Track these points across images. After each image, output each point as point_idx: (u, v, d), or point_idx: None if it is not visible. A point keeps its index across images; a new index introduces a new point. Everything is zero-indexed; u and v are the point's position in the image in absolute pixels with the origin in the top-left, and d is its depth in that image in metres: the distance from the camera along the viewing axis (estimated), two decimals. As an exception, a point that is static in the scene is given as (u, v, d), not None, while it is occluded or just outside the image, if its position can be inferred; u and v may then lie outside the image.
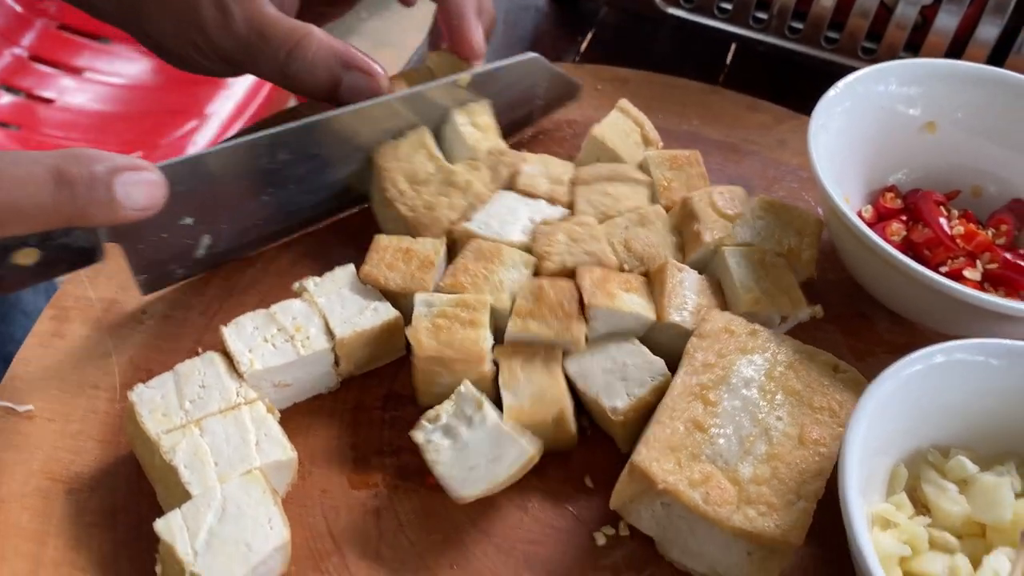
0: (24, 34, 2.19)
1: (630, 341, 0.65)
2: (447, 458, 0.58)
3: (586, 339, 0.65)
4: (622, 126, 0.81)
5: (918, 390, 0.58)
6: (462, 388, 0.60)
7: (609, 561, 0.59)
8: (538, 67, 0.81)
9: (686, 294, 0.66)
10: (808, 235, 0.70)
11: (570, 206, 0.74)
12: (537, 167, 0.76)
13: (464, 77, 0.75)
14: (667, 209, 0.74)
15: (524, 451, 0.58)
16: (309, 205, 0.75)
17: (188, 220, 0.67)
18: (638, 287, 0.67)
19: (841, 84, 0.74)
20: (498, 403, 0.62)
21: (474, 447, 0.58)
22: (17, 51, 2.15)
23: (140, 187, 0.57)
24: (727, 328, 0.64)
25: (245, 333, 0.63)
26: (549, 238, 0.70)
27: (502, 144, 0.77)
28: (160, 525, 0.53)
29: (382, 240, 0.69)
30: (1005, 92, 0.75)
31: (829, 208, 0.68)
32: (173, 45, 0.69)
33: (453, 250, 0.71)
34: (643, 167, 0.77)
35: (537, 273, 0.69)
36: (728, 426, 0.59)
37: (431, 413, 0.60)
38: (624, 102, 0.82)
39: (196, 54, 0.69)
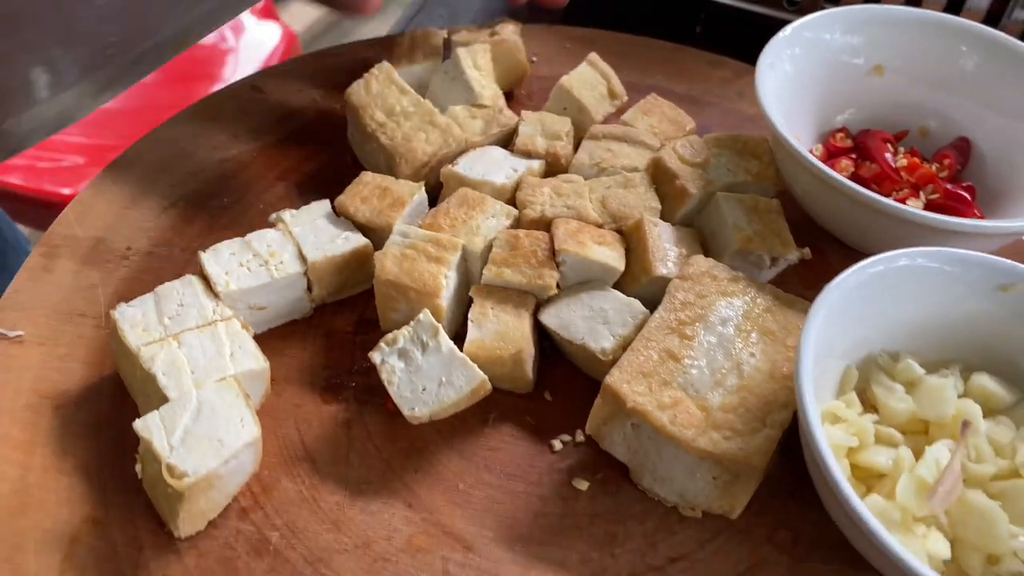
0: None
1: (603, 289, 0.68)
2: (399, 379, 0.61)
3: (558, 287, 0.67)
4: (589, 78, 0.85)
5: (876, 292, 0.61)
6: (421, 316, 0.64)
7: (564, 464, 0.63)
8: None
9: (666, 246, 0.69)
10: (764, 154, 0.74)
11: (567, 160, 0.77)
12: (533, 126, 0.79)
13: None
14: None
15: (475, 376, 0.61)
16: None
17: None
18: (611, 242, 0.70)
19: (789, 28, 0.78)
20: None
21: (426, 371, 0.62)
22: (17, 50, 2.20)
23: None
24: (710, 273, 0.66)
25: (222, 258, 0.67)
26: (534, 189, 0.73)
27: (500, 96, 0.81)
28: (139, 424, 0.57)
29: (366, 176, 0.73)
30: (946, 35, 0.79)
31: (778, 142, 0.71)
32: None
33: (438, 192, 0.75)
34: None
35: (517, 225, 0.72)
36: (702, 359, 0.62)
37: (389, 336, 0.63)
38: (593, 56, 0.86)
39: None
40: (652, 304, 0.67)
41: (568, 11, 1.13)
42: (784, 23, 1.01)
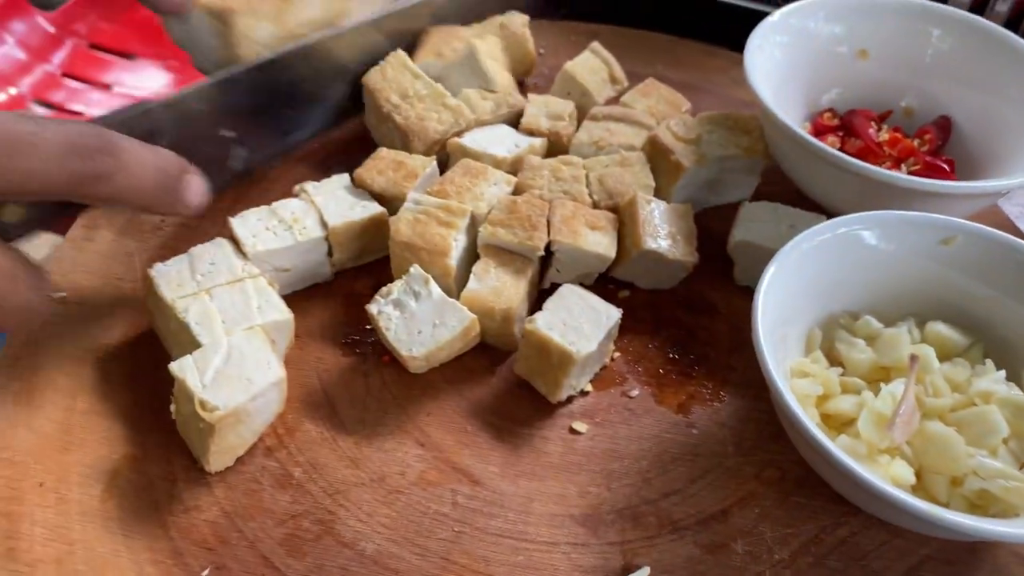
0: (56, 52, 2.33)
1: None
2: (396, 325, 0.67)
3: (557, 271, 0.73)
4: (592, 64, 0.90)
5: (823, 259, 0.66)
6: (412, 269, 0.69)
7: (566, 410, 0.68)
8: None
9: (658, 223, 0.73)
10: (754, 130, 0.80)
11: (568, 139, 0.83)
12: (538, 108, 0.85)
13: None
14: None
15: (466, 316, 0.66)
16: (304, 125, 0.84)
17: (227, 133, 0.75)
18: (604, 225, 0.74)
19: (776, 15, 0.83)
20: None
21: (420, 316, 0.67)
22: (49, 68, 2.29)
23: (198, 190, 0.63)
24: None
25: (249, 223, 0.72)
26: (535, 171, 0.78)
27: (513, 84, 0.87)
28: (174, 366, 0.62)
29: (382, 151, 0.78)
30: (924, 20, 0.84)
31: (767, 117, 0.76)
32: None
33: (447, 164, 0.80)
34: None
35: (517, 193, 0.77)
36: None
37: (384, 289, 0.69)
38: (595, 44, 0.92)
39: None
40: (654, 279, 0.72)
41: (573, 8, 1.19)
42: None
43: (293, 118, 0.82)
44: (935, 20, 0.83)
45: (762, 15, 1.07)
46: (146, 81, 2.36)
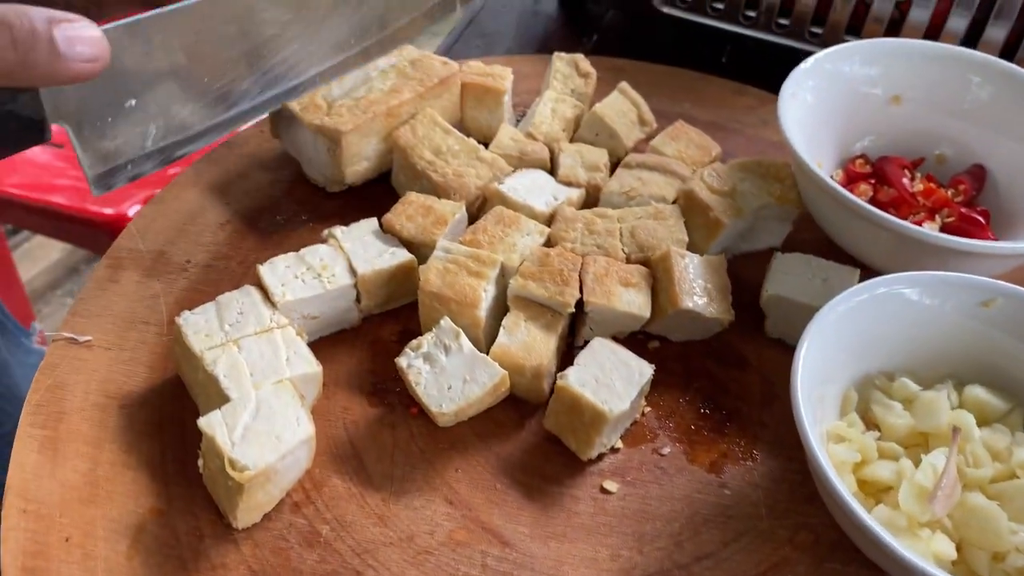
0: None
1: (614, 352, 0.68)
2: (426, 380, 0.66)
3: (591, 329, 0.72)
4: (620, 106, 0.90)
5: (862, 319, 0.65)
6: (443, 322, 0.68)
7: (596, 468, 0.67)
8: None
9: (693, 279, 0.72)
10: (786, 178, 0.79)
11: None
12: (573, 157, 0.84)
13: None
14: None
15: (497, 372, 0.66)
16: (253, 90, 0.71)
17: (131, 102, 0.62)
18: (638, 282, 0.72)
19: (811, 60, 0.82)
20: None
21: (451, 371, 0.66)
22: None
23: (81, 39, 0.53)
24: None
25: (278, 270, 0.72)
26: (568, 224, 0.77)
27: (560, 138, 0.86)
28: (203, 422, 0.61)
29: (411, 196, 0.78)
30: (961, 67, 0.83)
31: (800, 167, 0.75)
32: None
33: (482, 209, 0.80)
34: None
35: (550, 243, 0.76)
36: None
37: (414, 343, 0.68)
38: (624, 85, 0.91)
39: None
40: (676, 331, 0.72)
41: (600, 43, 1.19)
42: (805, 54, 1.07)
43: (216, 87, 0.68)
44: (975, 68, 0.82)
45: (790, 51, 1.07)
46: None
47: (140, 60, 0.62)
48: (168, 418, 0.69)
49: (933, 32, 0.99)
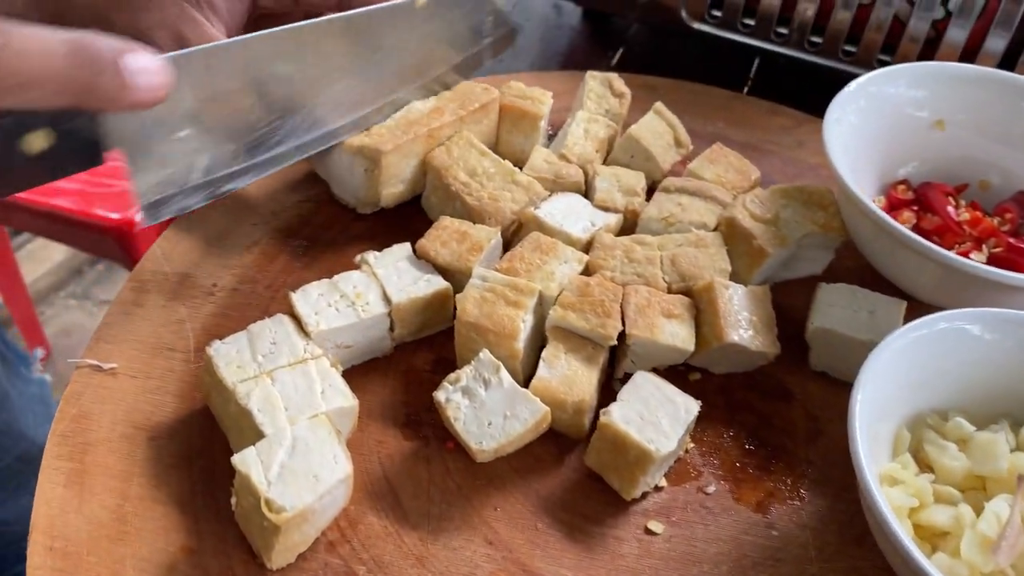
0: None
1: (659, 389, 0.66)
2: (465, 415, 0.64)
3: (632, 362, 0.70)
4: (656, 127, 0.88)
5: (918, 356, 0.63)
6: (482, 355, 0.66)
7: (640, 507, 0.65)
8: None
9: (738, 311, 0.70)
10: (829, 205, 0.77)
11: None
12: (609, 181, 0.81)
13: None
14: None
15: (539, 408, 0.63)
16: (303, 127, 0.72)
17: (184, 132, 0.63)
18: (681, 313, 0.70)
19: (855, 84, 0.80)
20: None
21: (491, 406, 0.64)
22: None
23: (147, 70, 0.54)
24: None
25: (311, 298, 0.70)
26: (607, 251, 0.74)
27: (595, 160, 0.84)
28: (237, 459, 0.59)
29: (445, 220, 0.76)
30: (1008, 92, 0.81)
31: (845, 195, 0.74)
32: None
33: (518, 234, 0.78)
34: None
35: (588, 271, 0.74)
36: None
37: (452, 376, 0.66)
38: (659, 105, 0.89)
39: None
40: (719, 364, 0.70)
41: (624, 57, 1.17)
42: (837, 73, 1.05)
43: (267, 122, 0.69)
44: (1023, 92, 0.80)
45: (821, 69, 1.05)
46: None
47: (194, 92, 0.63)
48: (197, 451, 0.67)
49: (970, 52, 0.97)
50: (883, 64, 1.01)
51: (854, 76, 1.02)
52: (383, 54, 0.76)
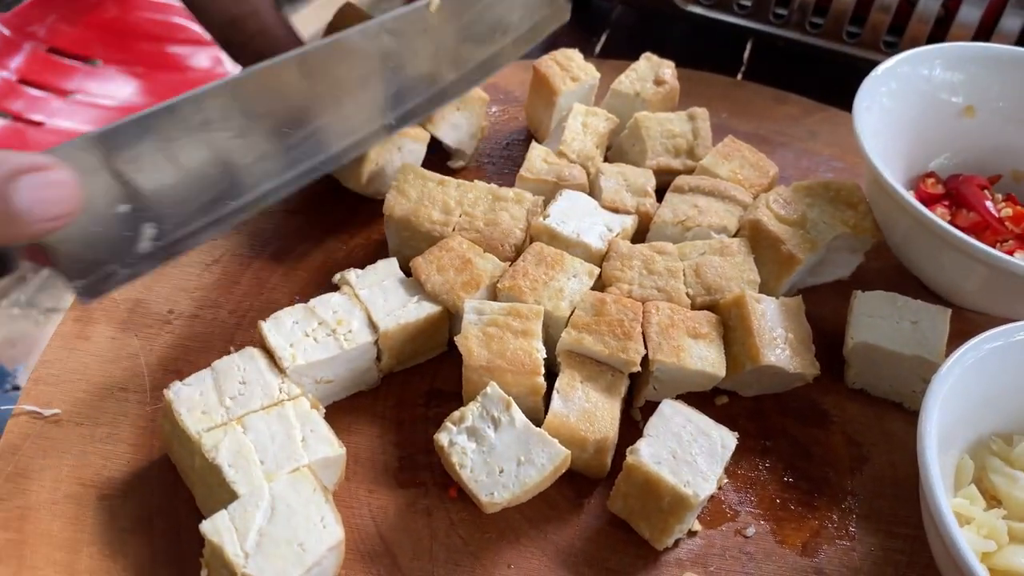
0: (12, 57, 2.16)
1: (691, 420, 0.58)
2: (472, 462, 0.55)
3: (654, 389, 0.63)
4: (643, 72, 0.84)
5: (993, 369, 0.56)
6: (488, 389, 0.57)
7: (672, 556, 0.57)
8: None
9: (771, 328, 0.62)
10: (859, 203, 0.69)
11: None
12: (615, 179, 0.73)
13: (434, 1, 0.66)
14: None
15: (558, 452, 0.55)
16: (267, 176, 0.62)
17: (125, 207, 0.54)
18: (708, 332, 0.62)
19: (883, 67, 0.73)
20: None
21: (501, 450, 0.55)
22: (5, 75, 2.12)
23: (44, 200, 0.45)
24: None
25: (284, 328, 0.60)
26: (624, 261, 0.66)
27: (595, 156, 0.75)
28: (207, 526, 0.50)
29: (452, 242, 0.65)
30: (1047, 74, 0.74)
31: (880, 190, 0.66)
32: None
33: (522, 248, 0.69)
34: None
35: (600, 286, 0.66)
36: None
37: (455, 414, 0.57)
38: (648, 54, 0.85)
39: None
40: (750, 387, 0.63)
41: (609, 42, 1.08)
42: (836, 55, 0.98)
43: (225, 184, 0.60)
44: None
45: (825, 53, 0.98)
46: (111, 89, 2.21)
47: (134, 162, 0.54)
48: (158, 511, 0.57)
49: (983, 32, 0.91)
50: (889, 46, 0.95)
51: (856, 59, 0.96)
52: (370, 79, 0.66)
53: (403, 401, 0.64)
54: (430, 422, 0.63)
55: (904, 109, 0.73)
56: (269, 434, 0.55)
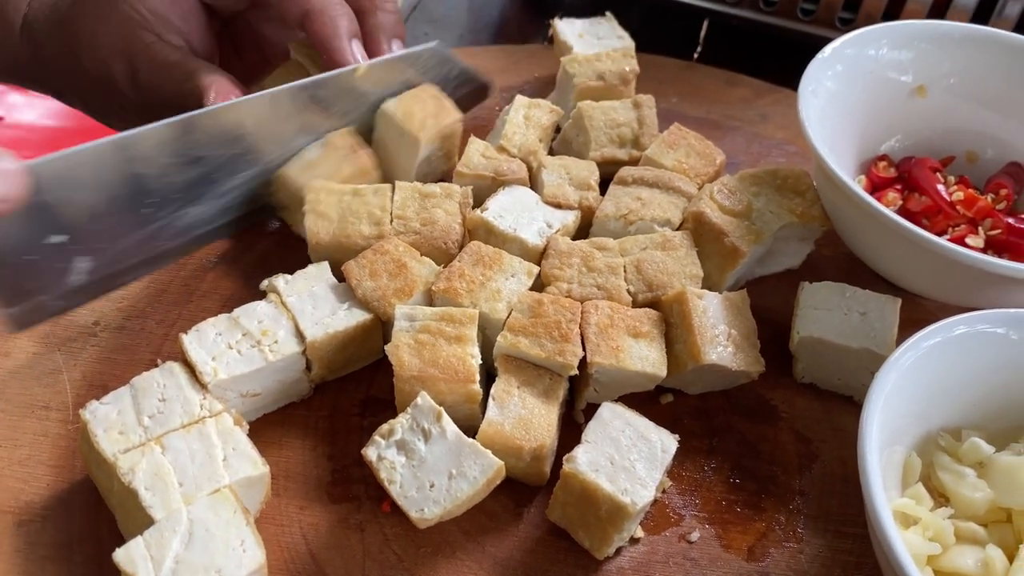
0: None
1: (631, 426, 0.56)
2: (401, 476, 0.53)
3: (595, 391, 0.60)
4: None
5: (934, 366, 0.54)
6: (419, 400, 0.55)
7: (615, 565, 0.55)
8: (442, 58, 0.72)
9: (714, 325, 0.60)
10: (806, 190, 0.67)
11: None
12: (558, 173, 0.70)
13: (360, 67, 0.67)
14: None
15: (491, 463, 0.53)
16: (204, 216, 0.64)
17: (58, 238, 0.55)
18: (649, 330, 0.60)
19: (830, 48, 0.70)
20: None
21: (432, 463, 0.53)
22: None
23: None
24: None
25: (207, 340, 0.58)
26: (562, 259, 0.63)
27: (538, 151, 0.72)
28: (120, 555, 0.48)
29: (388, 244, 0.62)
30: (1000, 52, 0.72)
31: (826, 177, 0.64)
32: (98, 106, 0.70)
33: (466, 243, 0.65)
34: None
35: (539, 286, 0.63)
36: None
37: (384, 428, 0.54)
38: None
39: (119, 110, 0.69)
40: (694, 384, 0.61)
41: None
42: (792, 33, 0.95)
43: (160, 216, 0.61)
44: (1016, 52, 0.71)
45: (781, 32, 0.96)
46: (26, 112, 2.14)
47: (72, 193, 0.55)
48: (80, 536, 0.55)
49: (940, 7, 0.89)
50: (845, 23, 0.93)
51: (811, 37, 0.94)
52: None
53: (337, 411, 0.62)
54: (365, 432, 0.60)
55: (852, 91, 0.71)
56: (189, 454, 0.53)
